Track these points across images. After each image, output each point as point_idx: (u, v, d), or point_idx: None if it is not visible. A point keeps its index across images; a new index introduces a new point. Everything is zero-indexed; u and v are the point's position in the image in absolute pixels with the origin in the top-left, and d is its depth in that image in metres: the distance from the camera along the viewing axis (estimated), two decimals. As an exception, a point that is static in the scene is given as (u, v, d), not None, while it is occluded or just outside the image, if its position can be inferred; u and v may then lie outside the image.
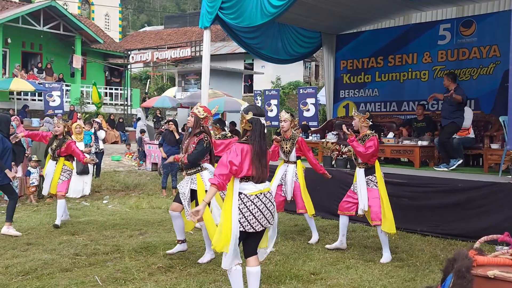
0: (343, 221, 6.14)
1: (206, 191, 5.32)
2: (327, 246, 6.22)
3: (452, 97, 7.80)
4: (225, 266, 3.91)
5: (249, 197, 3.87)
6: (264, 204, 3.91)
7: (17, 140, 7.29)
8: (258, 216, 3.87)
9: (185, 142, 5.57)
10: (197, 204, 5.35)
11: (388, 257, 5.68)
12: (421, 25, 10.57)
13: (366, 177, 5.85)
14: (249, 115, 3.91)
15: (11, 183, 6.91)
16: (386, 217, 5.72)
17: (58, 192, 7.34)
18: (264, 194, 3.93)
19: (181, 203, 5.54)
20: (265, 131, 3.99)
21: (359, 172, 5.90)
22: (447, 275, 2.36)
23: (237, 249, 3.91)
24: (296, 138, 6.44)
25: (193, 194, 5.48)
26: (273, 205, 4.01)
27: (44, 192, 7.67)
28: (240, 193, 3.88)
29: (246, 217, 3.85)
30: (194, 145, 5.42)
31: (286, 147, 6.46)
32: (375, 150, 5.76)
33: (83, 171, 10.23)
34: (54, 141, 7.47)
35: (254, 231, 3.88)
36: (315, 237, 6.52)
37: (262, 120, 3.96)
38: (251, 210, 3.86)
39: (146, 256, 5.67)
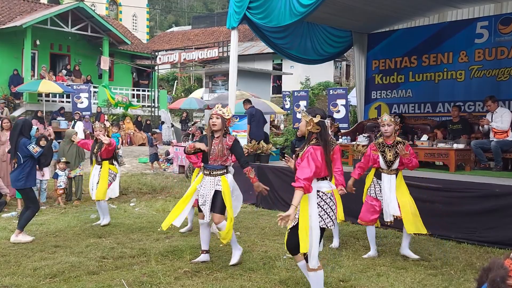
0: (371, 231, 6.02)
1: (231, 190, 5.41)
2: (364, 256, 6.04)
3: None
4: (314, 266, 4.06)
5: (327, 194, 4.13)
6: (334, 202, 4.21)
7: (50, 137, 7.29)
8: (335, 212, 4.18)
9: (214, 144, 5.36)
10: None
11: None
12: (457, 23, 10.28)
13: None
14: (317, 118, 4.11)
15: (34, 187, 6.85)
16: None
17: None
18: (332, 193, 4.22)
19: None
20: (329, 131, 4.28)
21: (392, 178, 5.74)
22: (481, 285, 2.23)
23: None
24: (333, 146, 6.23)
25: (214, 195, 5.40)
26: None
27: (93, 197, 7.68)
28: (318, 191, 4.09)
29: (328, 213, 4.10)
30: (228, 147, 5.33)
31: None
32: None
33: None
34: (96, 145, 7.60)
35: (333, 225, 4.18)
36: (335, 242, 6.44)
37: (327, 122, 4.21)
38: (331, 207, 4.13)
39: (172, 260, 5.63)
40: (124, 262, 5.50)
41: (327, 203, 4.10)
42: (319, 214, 4.05)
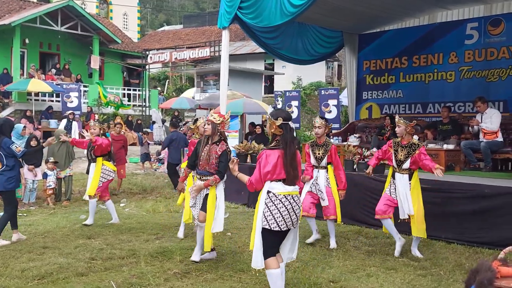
0: (388, 223, 6.10)
1: (216, 197, 5.49)
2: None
3: None
4: (254, 265, 4.08)
5: (277, 196, 4.04)
6: (292, 206, 4.06)
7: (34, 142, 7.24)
8: (285, 215, 4.02)
9: (204, 150, 5.49)
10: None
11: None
12: (447, 24, 10.34)
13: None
14: (279, 121, 4.08)
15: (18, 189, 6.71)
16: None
17: (96, 193, 7.50)
18: (292, 196, 4.09)
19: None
20: (294, 134, 4.16)
21: (404, 178, 5.94)
22: (469, 287, 2.23)
23: (273, 248, 4.09)
24: (329, 145, 6.38)
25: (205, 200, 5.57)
26: (300, 209, 4.17)
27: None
28: (268, 192, 4.06)
29: (274, 215, 4.01)
30: (216, 156, 5.40)
31: (319, 153, 6.39)
32: None
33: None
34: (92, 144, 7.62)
35: (279, 230, 4.02)
36: (333, 243, 6.44)
37: (291, 124, 4.14)
38: (279, 209, 4.02)
39: (162, 261, 5.61)
40: (113, 263, 5.46)
41: (275, 205, 4.00)
42: (263, 214, 4.02)
